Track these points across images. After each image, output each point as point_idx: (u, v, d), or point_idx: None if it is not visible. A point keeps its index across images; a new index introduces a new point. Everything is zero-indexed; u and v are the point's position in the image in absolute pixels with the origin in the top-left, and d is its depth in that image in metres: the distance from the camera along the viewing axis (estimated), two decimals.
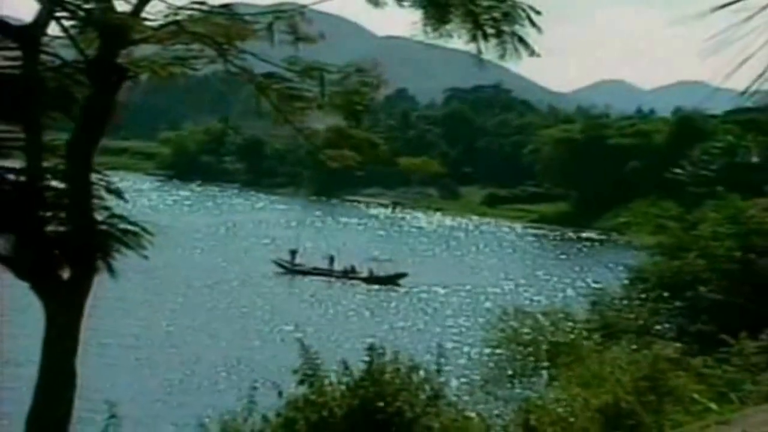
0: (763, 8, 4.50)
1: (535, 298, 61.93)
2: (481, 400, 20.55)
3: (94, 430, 15.87)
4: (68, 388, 12.31)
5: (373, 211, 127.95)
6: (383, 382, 15.84)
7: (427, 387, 16.35)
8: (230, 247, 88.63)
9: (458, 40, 13.28)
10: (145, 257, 13.15)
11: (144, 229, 13.20)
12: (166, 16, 12.60)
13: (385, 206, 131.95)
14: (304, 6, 13.55)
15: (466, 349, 38.81)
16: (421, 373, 16.61)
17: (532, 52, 13.34)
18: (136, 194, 75.25)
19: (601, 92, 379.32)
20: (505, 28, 13.09)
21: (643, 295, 32.47)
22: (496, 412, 19.61)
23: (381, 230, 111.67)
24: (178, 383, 41.54)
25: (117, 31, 12.34)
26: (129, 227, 13.05)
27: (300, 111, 13.97)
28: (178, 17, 12.59)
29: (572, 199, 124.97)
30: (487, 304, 51.38)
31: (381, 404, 15.61)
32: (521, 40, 13.23)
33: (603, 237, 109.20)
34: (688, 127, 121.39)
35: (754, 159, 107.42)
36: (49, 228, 12.69)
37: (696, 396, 17.63)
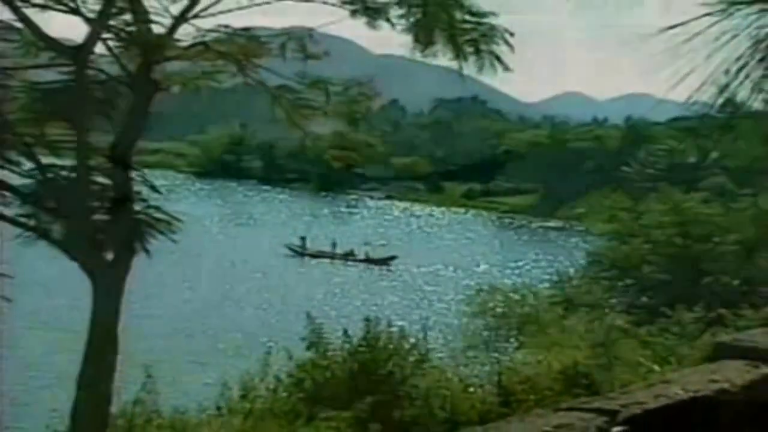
0: (700, 33, 4.52)
1: (507, 275, 61.83)
2: (460, 363, 20.55)
3: (133, 387, 15.86)
4: (111, 352, 12.31)
5: (370, 203, 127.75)
6: (378, 348, 15.88)
7: (414, 352, 16.38)
8: (248, 233, 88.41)
9: (443, 58, 13.27)
10: (175, 241, 13.14)
11: (175, 218, 13.20)
12: (195, 37, 12.60)
13: (381, 198, 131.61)
14: (311, 29, 13.53)
15: (448, 320, 38.77)
16: (410, 340, 16.65)
17: (506, 68, 13.31)
18: (168, 188, 74.91)
19: (563, 103, 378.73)
20: (483, 47, 13.06)
21: (598, 274, 32.55)
22: (473, 373, 19.60)
23: (376, 219, 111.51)
24: (204, 348, 41.51)
25: (154, 50, 12.32)
26: (162, 216, 13.04)
27: (308, 117, 13.97)
28: (205, 38, 12.58)
29: (539, 193, 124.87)
30: (466, 282, 51.29)
31: (376, 367, 15.64)
32: (497, 57, 13.20)
33: (565, 225, 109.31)
34: (637, 133, 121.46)
35: (692, 160, 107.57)
36: (95, 216, 12.69)
37: (642, 360, 17.70)
